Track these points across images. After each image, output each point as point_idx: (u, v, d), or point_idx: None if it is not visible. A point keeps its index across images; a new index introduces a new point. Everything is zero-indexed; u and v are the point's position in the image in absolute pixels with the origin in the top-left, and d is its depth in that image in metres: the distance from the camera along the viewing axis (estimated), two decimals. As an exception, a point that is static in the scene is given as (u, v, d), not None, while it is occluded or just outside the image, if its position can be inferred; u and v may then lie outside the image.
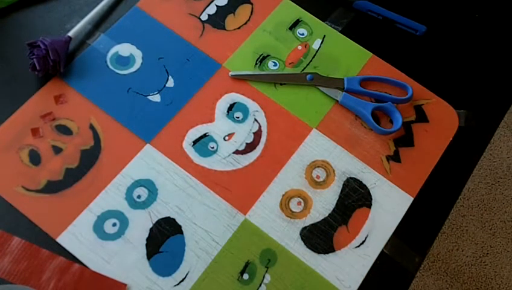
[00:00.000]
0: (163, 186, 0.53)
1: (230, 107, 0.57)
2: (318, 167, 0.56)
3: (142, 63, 0.59)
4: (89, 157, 0.53)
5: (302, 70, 0.60)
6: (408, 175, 0.56)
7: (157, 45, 0.60)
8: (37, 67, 0.54)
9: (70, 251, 0.49)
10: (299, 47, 0.62)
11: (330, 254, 0.52)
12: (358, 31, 0.64)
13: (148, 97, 0.57)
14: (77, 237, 0.50)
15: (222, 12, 0.63)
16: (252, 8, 0.64)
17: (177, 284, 0.49)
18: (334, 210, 0.54)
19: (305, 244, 0.52)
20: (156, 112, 0.56)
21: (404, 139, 0.58)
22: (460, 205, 1.38)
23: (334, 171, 0.56)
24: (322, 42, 0.62)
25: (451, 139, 0.59)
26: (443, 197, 0.56)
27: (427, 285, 1.29)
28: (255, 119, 0.57)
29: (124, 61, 0.58)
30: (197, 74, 0.59)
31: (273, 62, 0.61)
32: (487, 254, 1.33)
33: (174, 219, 0.51)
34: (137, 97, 0.57)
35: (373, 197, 0.55)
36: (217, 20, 0.62)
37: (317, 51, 0.62)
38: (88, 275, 0.48)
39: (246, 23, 0.63)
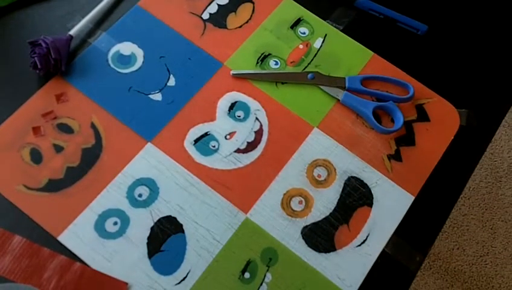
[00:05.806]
0: (165, 185, 0.53)
1: (232, 106, 0.57)
2: (319, 165, 0.55)
3: (143, 62, 0.59)
4: (90, 156, 0.53)
5: (304, 69, 0.60)
6: (409, 174, 0.56)
7: (159, 44, 0.60)
8: (39, 66, 0.54)
9: (71, 249, 0.49)
10: (301, 46, 0.62)
11: (331, 253, 0.52)
12: (360, 30, 0.64)
13: (149, 96, 0.57)
14: (78, 236, 0.50)
15: (223, 11, 0.63)
16: (253, 7, 0.64)
17: (179, 283, 0.49)
18: (335, 209, 0.54)
19: (306, 243, 0.52)
20: (157, 111, 0.56)
21: (406, 138, 0.58)
22: (461, 204, 1.38)
23: (335, 170, 0.55)
24: (323, 41, 0.62)
25: (452, 138, 0.59)
26: (444, 196, 0.56)
27: (428, 284, 1.29)
28: (256, 118, 0.57)
29: (125, 60, 0.58)
30: (198, 73, 0.59)
31: (275, 61, 0.61)
32: (488, 253, 1.33)
33: (175, 218, 0.52)
34: (139, 96, 0.57)
35: (374, 196, 0.55)
36: (218, 19, 0.62)
37: (318, 50, 0.62)
38: (89, 273, 0.48)
39: (247, 22, 0.63)
